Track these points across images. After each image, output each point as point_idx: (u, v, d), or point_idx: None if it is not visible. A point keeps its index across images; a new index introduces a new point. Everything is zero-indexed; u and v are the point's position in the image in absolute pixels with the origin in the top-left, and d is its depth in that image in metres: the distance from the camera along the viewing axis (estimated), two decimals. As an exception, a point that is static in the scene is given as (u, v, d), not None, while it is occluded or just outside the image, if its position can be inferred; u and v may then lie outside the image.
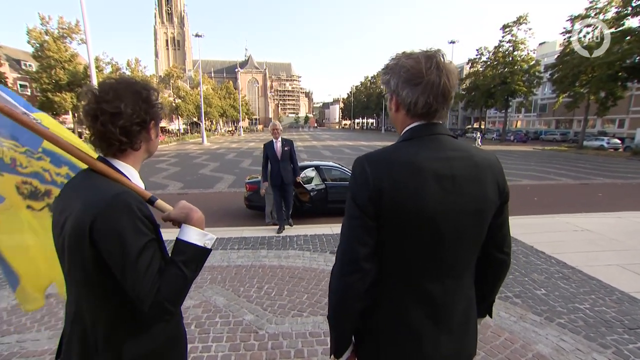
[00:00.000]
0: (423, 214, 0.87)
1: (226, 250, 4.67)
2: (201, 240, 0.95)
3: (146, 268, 0.84)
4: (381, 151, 0.95)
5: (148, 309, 0.84)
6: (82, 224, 0.82)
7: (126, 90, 0.92)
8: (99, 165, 0.92)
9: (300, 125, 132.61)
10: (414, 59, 0.91)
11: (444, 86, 0.90)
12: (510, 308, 3.14)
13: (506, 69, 37.30)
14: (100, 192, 0.86)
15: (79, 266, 0.87)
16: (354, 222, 0.91)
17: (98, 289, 0.89)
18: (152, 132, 1.00)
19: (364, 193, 0.88)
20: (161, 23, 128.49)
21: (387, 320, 0.96)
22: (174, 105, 47.15)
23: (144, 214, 0.88)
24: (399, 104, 0.97)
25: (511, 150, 28.03)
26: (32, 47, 26.50)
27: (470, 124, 63.74)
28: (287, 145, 5.58)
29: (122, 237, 0.83)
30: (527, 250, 4.65)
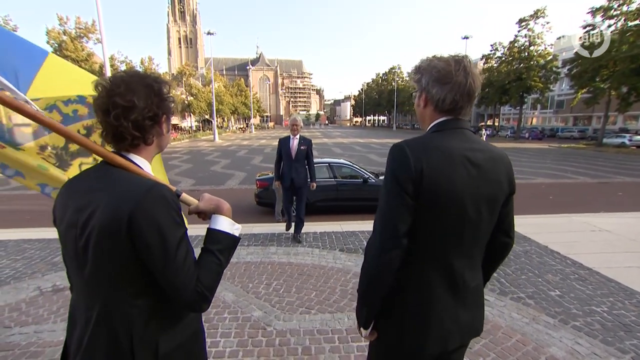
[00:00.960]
0: (454, 195, 0.98)
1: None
2: (232, 230, 1.00)
3: (184, 259, 0.86)
4: (418, 138, 1.06)
5: (188, 299, 0.85)
6: (117, 218, 0.80)
7: (138, 84, 0.90)
8: (118, 159, 0.91)
9: (312, 123, 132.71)
10: (445, 61, 1.04)
11: (470, 87, 1.03)
12: (522, 309, 3.06)
13: (522, 65, 36.34)
14: (133, 185, 0.85)
15: (111, 264, 0.84)
16: (395, 201, 0.99)
17: (132, 287, 0.87)
18: (163, 126, 0.98)
19: (405, 173, 0.97)
20: (174, 21, 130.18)
21: (413, 294, 1.06)
22: (186, 102, 47.77)
23: (178, 207, 0.89)
24: (428, 100, 1.10)
25: (526, 148, 27.40)
26: (51, 47, 27.21)
27: (484, 121, 62.56)
28: (304, 144, 4.96)
29: (163, 229, 0.83)
30: (541, 250, 4.54)
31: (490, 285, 3.54)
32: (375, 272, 1.03)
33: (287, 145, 4.96)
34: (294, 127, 4.94)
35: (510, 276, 3.76)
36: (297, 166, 4.95)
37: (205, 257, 0.93)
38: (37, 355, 2.47)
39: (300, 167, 4.98)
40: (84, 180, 0.93)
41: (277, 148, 5.10)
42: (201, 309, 0.91)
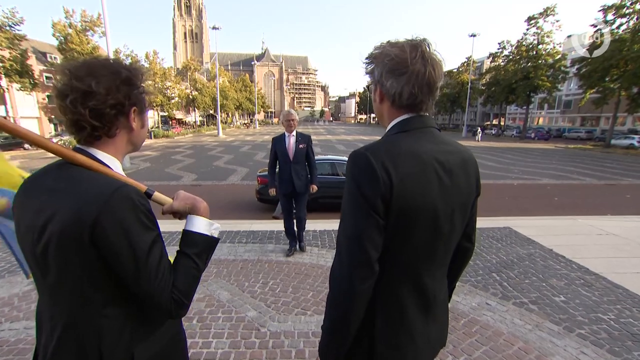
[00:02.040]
0: (428, 208, 0.86)
1: (234, 244, 4.63)
2: (209, 230, 0.93)
3: (157, 264, 0.80)
4: (381, 143, 0.90)
5: (164, 306, 0.80)
6: (79, 224, 0.73)
7: (102, 68, 0.82)
8: (79, 157, 0.82)
9: (316, 119, 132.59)
10: (399, 47, 0.88)
11: (429, 76, 0.88)
12: (525, 315, 2.96)
13: (529, 64, 35.82)
14: (97, 186, 0.77)
15: (75, 273, 0.77)
16: (363, 222, 0.84)
17: (99, 295, 0.80)
18: (133, 120, 0.88)
19: (373, 189, 0.82)
20: (180, 16, 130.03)
21: (383, 318, 0.94)
22: (190, 97, 47.78)
23: (147, 209, 0.81)
24: (384, 95, 0.95)
25: (531, 148, 27.06)
26: (57, 40, 27.22)
27: (489, 120, 61.98)
28: (302, 142, 4.16)
29: (131, 234, 0.76)
30: (545, 254, 4.42)
31: (492, 289, 3.44)
32: (346, 308, 0.88)
33: (282, 145, 4.14)
34: (290, 122, 4.07)
35: (513, 280, 3.65)
36: (297, 169, 4.16)
37: (181, 261, 0.87)
38: (25, 352, 2.42)
39: (301, 170, 4.21)
40: (43, 178, 0.83)
41: (271, 149, 4.26)
42: (178, 315, 0.85)
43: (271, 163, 4.29)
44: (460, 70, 53.49)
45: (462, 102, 49.10)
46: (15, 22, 24.04)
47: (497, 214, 6.71)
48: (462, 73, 52.17)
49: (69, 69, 0.81)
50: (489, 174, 13.03)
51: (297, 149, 4.13)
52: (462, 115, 51.41)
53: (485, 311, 3.02)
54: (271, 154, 4.26)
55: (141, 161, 16.48)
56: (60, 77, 0.81)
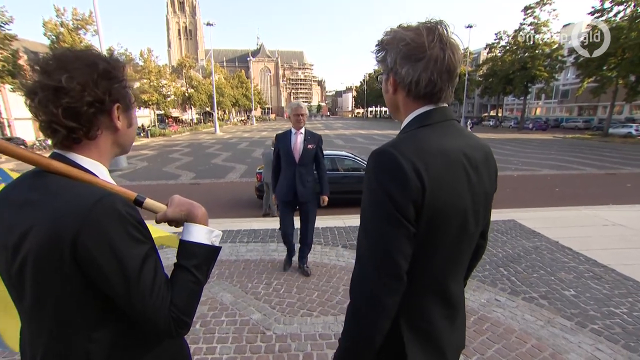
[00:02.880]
0: (459, 210, 0.80)
1: (235, 244, 4.55)
2: (209, 239, 0.83)
3: (152, 281, 0.70)
4: (406, 140, 0.80)
5: (162, 327, 0.71)
6: (58, 241, 0.63)
7: (75, 60, 0.70)
8: (55, 164, 0.71)
9: (313, 114, 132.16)
10: (414, 31, 0.80)
11: (449, 61, 0.79)
12: (536, 310, 2.90)
13: (526, 54, 35.69)
14: (75, 198, 0.67)
15: (55, 295, 0.67)
16: (393, 231, 0.74)
17: (85, 320, 0.70)
18: (117, 118, 0.77)
19: (404, 194, 0.73)
20: (173, 12, 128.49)
21: (412, 334, 0.84)
22: (186, 95, 47.39)
23: (136, 220, 0.71)
24: (397, 84, 0.85)
25: (530, 139, 27.02)
26: (49, 39, 26.79)
27: (487, 112, 61.85)
28: (311, 142, 3.48)
29: (118, 250, 0.66)
30: (551, 246, 4.36)
31: (501, 284, 3.37)
32: (373, 326, 0.78)
33: (288, 144, 3.46)
34: (298, 117, 3.40)
35: (521, 274, 3.59)
36: (303, 172, 3.47)
37: (178, 275, 0.78)
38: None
39: (308, 174, 3.51)
40: (17, 189, 0.73)
41: (274, 148, 3.68)
42: (179, 335, 0.75)
43: (275, 165, 3.61)
44: (457, 62, 53.19)
45: (459, 94, 48.91)
46: (4, 22, 23.66)
47: (499, 206, 6.64)
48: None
49: (37, 63, 0.70)
50: (489, 166, 12.97)
51: (304, 149, 3.46)
52: (460, 108, 51.19)
53: (495, 307, 2.96)
54: (274, 154, 3.63)
55: (138, 160, 16.32)
56: (30, 74, 0.70)
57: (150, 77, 36.30)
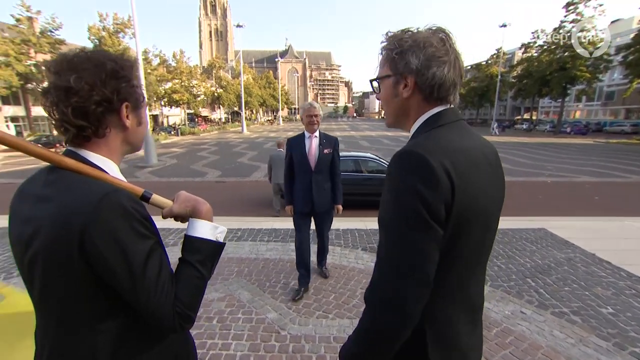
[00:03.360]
0: (483, 208, 0.80)
1: (256, 242, 4.61)
2: (213, 235, 0.85)
3: (157, 276, 0.72)
4: (431, 140, 0.79)
5: (166, 321, 0.72)
6: (66, 236, 0.66)
7: (84, 61, 0.73)
8: (67, 161, 0.73)
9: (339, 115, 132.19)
10: (433, 35, 0.82)
11: (460, 65, 0.84)
12: (566, 327, 2.71)
13: (566, 53, 33.55)
14: (83, 194, 0.69)
15: (63, 288, 0.70)
16: (422, 236, 0.72)
17: (94, 311, 0.73)
18: (126, 117, 0.79)
19: (436, 194, 0.71)
20: (205, 15, 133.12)
21: (435, 341, 0.82)
22: (215, 95, 48.83)
23: (142, 215, 0.73)
24: (418, 87, 0.84)
25: (567, 143, 25.49)
26: (92, 42, 28.57)
27: (520, 114, 59.02)
28: (328, 147, 3.14)
29: (124, 245, 0.69)
30: (587, 259, 4.07)
31: (527, 295, 3.19)
32: (395, 334, 0.75)
33: (301, 149, 3.12)
34: (312, 118, 3.04)
35: (551, 287, 3.37)
36: (320, 180, 3.14)
37: (183, 270, 0.79)
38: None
39: (325, 182, 3.19)
40: (33, 184, 0.77)
41: (286, 154, 3.26)
42: (183, 329, 0.76)
43: (287, 173, 3.25)
44: (489, 63, 51.16)
45: (490, 96, 47.00)
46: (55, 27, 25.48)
47: (529, 214, 6.31)
48: (492, 66, 49.85)
49: (50, 64, 0.73)
50: (520, 171, 12.38)
51: (320, 154, 3.10)
52: (491, 110, 49.17)
53: (520, 320, 2.80)
54: (286, 161, 3.24)
55: (168, 158, 17.00)
56: (45, 75, 0.75)
57: (181, 78, 37.74)
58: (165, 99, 37.03)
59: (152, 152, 14.47)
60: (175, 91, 36.80)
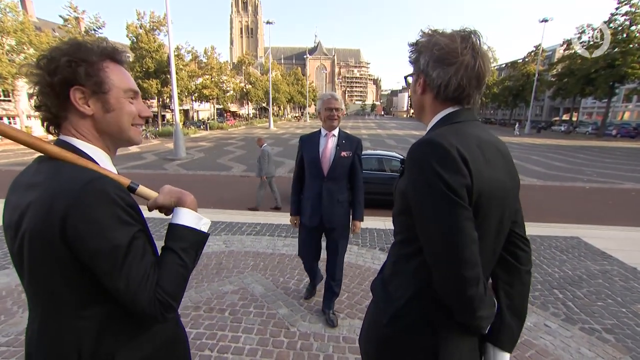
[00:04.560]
0: (499, 194, 0.84)
1: (273, 237, 4.65)
2: (197, 224, 0.86)
3: (138, 262, 0.72)
4: (446, 131, 0.85)
5: (147, 309, 0.72)
6: (49, 220, 0.67)
7: (50, 50, 0.77)
8: (50, 148, 0.75)
9: (367, 113, 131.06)
10: (449, 37, 0.86)
11: (479, 69, 0.85)
12: (596, 345, 2.51)
13: (616, 49, 31.01)
14: (69, 180, 0.70)
15: (47, 272, 0.72)
16: (456, 218, 0.76)
17: (77, 296, 0.74)
18: (85, 103, 0.77)
19: (457, 177, 0.76)
20: (237, 12, 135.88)
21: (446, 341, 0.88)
22: (244, 90, 49.79)
23: (126, 202, 0.74)
24: (427, 86, 0.91)
25: (612, 147, 23.74)
26: (129, 40, 29.96)
27: (558, 116, 55.56)
28: (347, 149, 2.55)
29: (105, 231, 0.69)
30: (626, 273, 3.76)
31: (553, 308, 2.99)
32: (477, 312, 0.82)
33: (314, 149, 2.57)
34: (332, 112, 2.50)
35: (581, 300, 3.14)
36: (333, 189, 2.56)
37: (166, 258, 0.79)
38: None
39: (339, 192, 2.58)
40: (25, 174, 0.79)
41: (297, 154, 2.72)
42: (165, 318, 0.76)
43: (296, 176, 2.74)
44: (526, 61, 48.47)
45: (526, 95, 44.55)
46: (98, 26, 26.95)
47: (562, 221, 5.93)
48: (529, 64, 47.19)
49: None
50: (555, 175, 11.67)
51: (337, 157, 2.52)
52: (526, 110, 46.61)
53: (543, 334, 2.63)
54: (297, 162, 2.72)
55: (196, 151, 17.56)
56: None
57: (212, 73, 38.77)
58: (195, 94, 38.21)
59: (181, 146, 15.01)
60: (205, 86, 37.87)
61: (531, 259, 1.01)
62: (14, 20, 21.77)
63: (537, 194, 8.82)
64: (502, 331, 0.94)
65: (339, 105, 2.52)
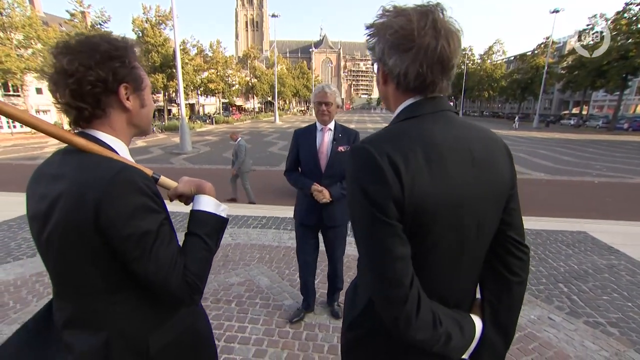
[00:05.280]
0: (448, 206, 0.72)
1: (279, 230, 4.70)
2: (217, 210, 0.92)
3: (166, 247, 0.77)
4: (384, 133, 0.76)
5: (176, 291, 0.77)
6: (82, 209, 0.71)
7: (80, 44, 0.76)
8: (77, 140, 0.77)
9: (373, 107, 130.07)
10: (405, 16, 0.72)
11: (442, 51, 0.71)
12: (600, 338, 2.52)
13: (630, 40, 30.16)
14: (98, 170, 0.74)
15: (80, 259, 0.75)
16: (377, 235, 0.70)
17: (108, 282, 0.78)
18: (126, 98, 0.82)
19: (383, 191, 0.68)
20: (242, 5, 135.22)
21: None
22: (250, 84, 49.75)
23: (153, 191, 0.78)
24: (387, 75, 0.80)
25: (622, 141, 23.28)
26: (135, 34, 30.04)
27: (568, 109, 54.59)
28: (343, 143, 2.41)
29: (135, 218, 0.74)
30: (633, 267, 3.73)
31: (558, 301, 2.99)
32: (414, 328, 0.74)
33: (311, 145, 2.45)
34: (321, 107, 2.35)
35: (586, 294, 3.14)
36: (332, 187, 2.39)
37: (191, 242, 0.84)
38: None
39: (339, 189, 2.40)
40: (49, 165, 0.82)
41: (291, 147, 2.59)
42: (193, 300, 0.81)
43: (288, 169, 2.60)
44: (535, 53, 47.56)
45: (535, 88, 43.77)
46: (104, 20, 27.05)
47: (569, 215, 5.88)
48: (538, 56, 46.30)
49: (51, 49, 0.78)
50: (563, 170, 11.52)
51: (333, 152, 2.39)
52: (534, 104, 45.85)
53: (547, 327, 2.64)
54: (289, 156, 2.58)
55: (202, 145, 17.66)
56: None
57: (217, 67, 38.77)
58: (201, 88, 38.31)
59: (187, 140, 15.10)
60: (211, 80, 37.93)
61: (528, 267, 0.89)
62: (21, 15, 21.96)
63: (545, 189, 8.73)
64: (484, 347, 0.84)
65: (330, 99, 2.32)
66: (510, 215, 0.85)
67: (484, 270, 0.88)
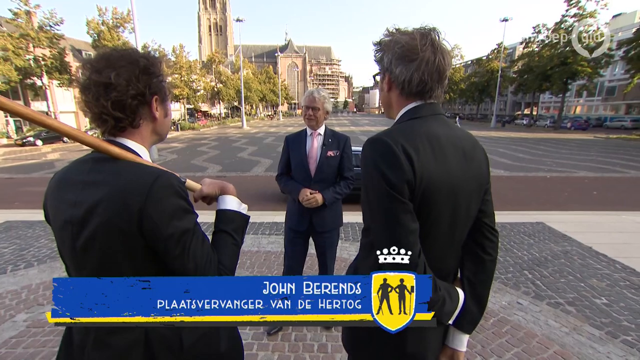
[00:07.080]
0: (449, 188, 0.87)
1: (257, 235, 4.68)
2: (240, 208, 1.00)
3: (202, 244, 0.84)
4: (396, 128, 0.91)
5: None
6: (125, 214, 0.75)
7: (121, 59, 0.81)
8: (112, 148, 0.81)
9: (339, 110, 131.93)
10: (409, 35, 0.90)
11: (439, 64, 0.89)
12: (561, 317, 2.79)
13: (567, 48, 33.30)
14: (138, 176, 0.78)
15: (119, 261, 0.79)
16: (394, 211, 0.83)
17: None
18: (155, 108, 0.88)
19: (398, 174, 0.82)
20: (204, 9, 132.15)
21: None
22: (215, 90, 48.66)
23: (186, 193, 0.85)
24: (392, 82, 0.96)
25: (567, 139, 25.49)
26: (91, 37, 28.41)
27: (521, 110, 58.87)
28: (333, 148, 2.41)
29: (176, 220, 0.79)
30: (583, 252, 4.15)
31: (524, 287, 3.27)
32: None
33: (301, 150, 2.42)
34: (309, 111, 2.34)
35: (547, 279, 3.45)
36: (322, 192, 2.37)
37: (221, 239, 0.92)
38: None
39: (329, 192, 2.39)
40: (75, 172, 0.85)
41: (282, 153, 2.55)
42: None
43: (280, 174, 2.56)
44: (490, 58, 50.91)
45: (491, 91, 46.81)
46: (55, 22, 25.32)
47: (528, 208, 6.39)
48: (492, 60, 49.59)
49: (90, 62, 0.81)
50: (520, 166, 12.43)
51: (322, 157, 2.38)
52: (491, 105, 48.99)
53: (516, 311, 2.88)
54: (280, 161, 2.54)
55: (168, 153, 17.05)
56: (82, 72, 0.82)
57: (181, 72, 37.58)
58: (165, 94, 36.81)
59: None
60: (175, 86, 36.60)
61: (497, 247, 1.06)
62: None
63: (505, 184, 9.38)
64: (463, 315, 0.98)
65: (317, 104, 2.31)
66: (485, 205, 1.01)
67: (463, 252, 1.03)
